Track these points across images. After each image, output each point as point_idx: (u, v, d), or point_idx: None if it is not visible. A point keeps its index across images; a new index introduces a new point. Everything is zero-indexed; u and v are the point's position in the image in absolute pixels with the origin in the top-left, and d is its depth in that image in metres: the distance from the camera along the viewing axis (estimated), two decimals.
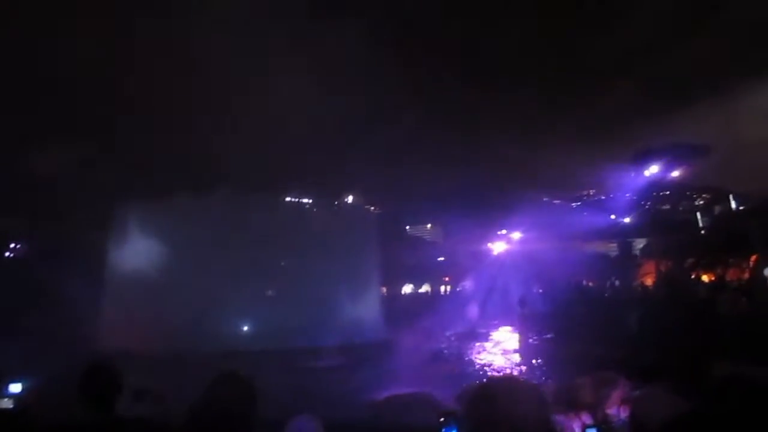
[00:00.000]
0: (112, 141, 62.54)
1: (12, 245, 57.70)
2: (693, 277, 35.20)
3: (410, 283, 74.65)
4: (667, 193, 46.56)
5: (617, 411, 8.29)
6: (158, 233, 34.56)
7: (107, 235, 38.06)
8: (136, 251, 34.58)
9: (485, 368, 23.71)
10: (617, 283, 37.29)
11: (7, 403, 4.52)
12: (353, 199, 71.37)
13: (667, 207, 46.72)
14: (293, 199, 60.81)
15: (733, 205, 47.43)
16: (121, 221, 36.60)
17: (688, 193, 50.68)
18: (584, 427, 5.08)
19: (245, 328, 34.43)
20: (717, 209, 50.57)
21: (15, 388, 4.80)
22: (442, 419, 3.10)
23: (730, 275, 32.54)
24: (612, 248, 54.98)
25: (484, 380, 2.22)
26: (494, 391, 2.07)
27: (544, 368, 19.81)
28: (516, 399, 2.02)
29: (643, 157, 41.76)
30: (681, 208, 47.84)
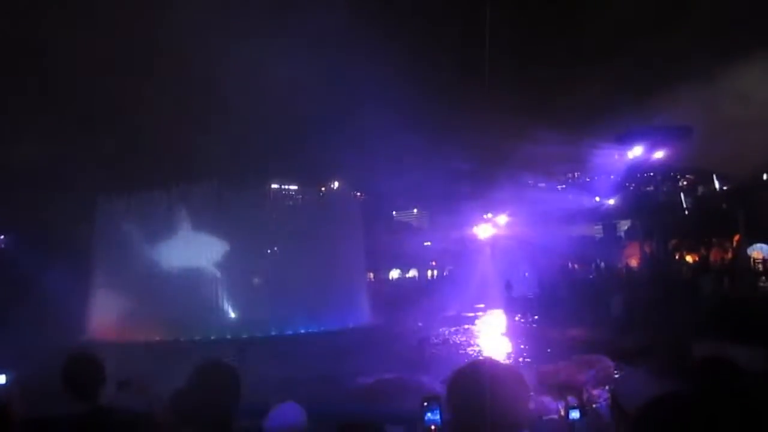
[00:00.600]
0: (96, 132, 61.72)
1: None
2: (677, 258, 35.58)
3: (397, 268, 74.79)
4: (651, 174, 46.81)
5: (601, 392, 8.41)
6: (142, 224, 34.34)
7: (91, 227, 37.78)
8: (121, 242, 34.35)
9: (471, 352, 23.87)
10: (602, 265, 37.59)
11: None
12: (339, 185, 71.22)
13: (650, 188, 46.97)
14: (278, 187, 60.68)
15: (717, 185, 47.82)
16: (105, 212, 36.31)
17: (671, 174, 50.98)
18: (567, 408, 5.14)
19: (231, 316, 34.41)
20: (700, 190, 50.98)
21: (0, 379, 4.81)
22: (425, 403, 3.11)
23: (714, 256, 32.90)
24: (597, 230, 55.36)
25: (466, 365, 2.23)
26: (475, 376, 2.08)
27: (530, 351, 19.99)
28: (497, 383, 2.04)
29: (627, 139, 41.95)
30: (665, 190, 48.12)
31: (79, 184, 47.09)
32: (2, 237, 57.11)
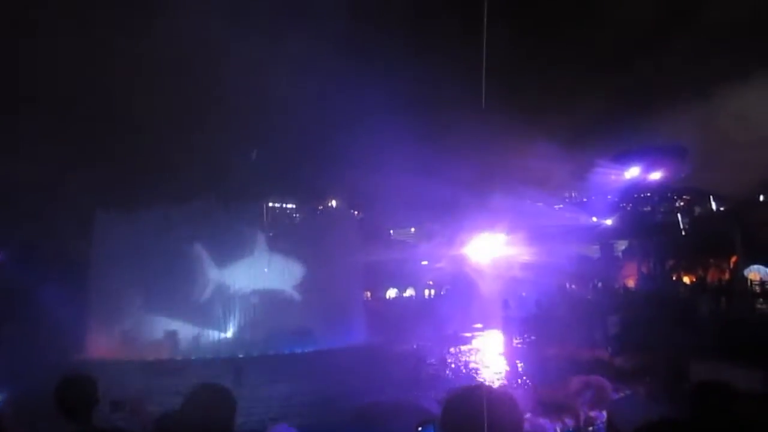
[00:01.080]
0: (93, 148, 61.77)
1: None
2: (674, 278, 35.57)
3: (394, 287, 74.54)
4: (648, 194, 46.99)
5: (598, 413, 8.34)
6: (138, 241, 34.26)
7: (86, 244, 37.72)
8: (116, 259, 34.25)
9: (469, 372, 23.75)
10: (600, 285, 37.54)
11: None
12: (336, 204, 71.25)
13: (647, 209, 47.12)
14: (276, 205, 60.71)
15: (714, 206, 47.93)
16: (101, 229, 36.26)
17: (668, 194, 51.10)
18: (564, 431, 5.11)
19: (228, 335, 34.25)
20: (697, 210, 51.06)
21: None
22: (419, 428, 3.09)
23: (711, 276, 32.91)
24: (594, 250, 55.31)
25: (460, 390, 2.23)
26: (469, 401, 2.09)
27: (527, 371, 19.90)
28: (491, 408, 2.04)
29: (623, 159, 42.19)
30: (662, 210, 48.23)
31: (74, 200, 47.02)
32: None
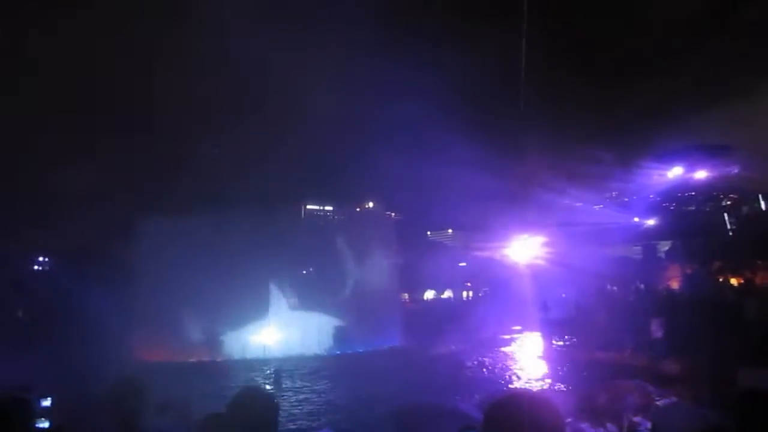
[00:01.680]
0: (135, 155, 63.21)
1: (39, 258, 58.73)
2: (720, 280, 34.64)
3: (432, 288, 74.46)
4: (692, 193, 45.92)
5: (641, 419, 8.20)
6: (180, 245, 34.88)
7: (132, 248, 38.53)
8: (161, 264, 34.94)
9: (508, 376, 23.56)
10: (642, 287, 36.79)
11: (44, 422, 4.69)
12: (374, 206, 71.51)
13: (692, 208, 46.04)
14: (314, 207, 61.22)
15: (763, 206, 46.54)
16: (145, 234, 37.00)
17: (713, 193, 49.79)
18: None
19: (268, 337, 34.62)
20: (745, 210, 49.64)
21: (45, 402, 5.02)
22: None
23: (759, 279, 31.95)
24: (636, 251, 54.26)
25: (502, 394, 2.23)
26: (511, 408, 2.08)
27: (568, 375, 19.63)
28: (533, 415, 2.04)
29: (666, 158, 41.30)
30: (707, 210, 47.03)
31: (119, 206, 48.20)
32: (46, 259, 58.60)
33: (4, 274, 48.06)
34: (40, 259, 58.84)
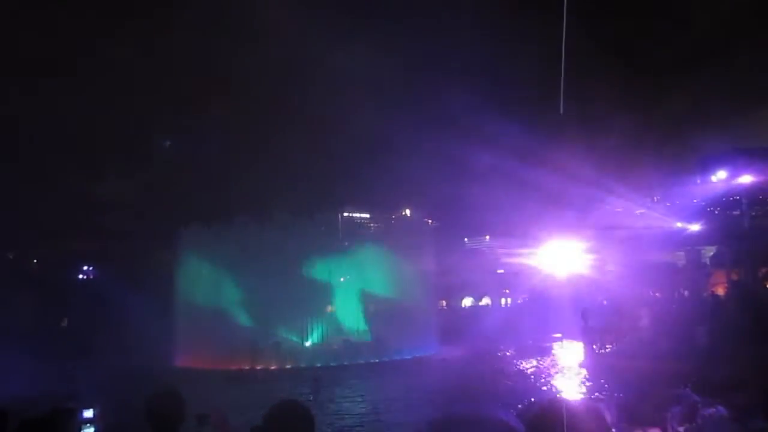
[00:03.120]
0: (174, 166, 64.45)
1: (84, 267, 60.23)
2: (767, 286, 33.67)
3: (470, 296, 73.89)
4: (737, 198, 44.68)
5: (688, 429, 7.97)
6: (220, 254, 35.34)
7: (173, 257, 39.19)
8: (200, 272, 35.44)
9: (548, 385, 23.22)
10: (686, 293, 35.96)
11: (89, 428, 4.83)
12: (411, 213, 71.39)
13: (737, 213, 44.79)
14: (351, 215, 61.45)
15: None
16: (185, 243, 37.58)
17: (759, 197, 48.37)
18: None
19: (307, 344, 34.76)
20: None
21: (88, 413, 5.15)
22: None
23: None
24: (679, 257, 53.05)
25: (543, 403, 2.20)
26: (553, 417, 2.05)
27: (609, 383, 19.24)
28: (575, 423, 2.00)
29: (710, 162, 40.38)
30: (753, 214, 45.73)
31: (160, 216, 49.16)
32: (90, 268, 60.03)
33: (49, 283, 49.48)
34: (84, 267, 60.30)
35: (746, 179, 38.30)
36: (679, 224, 47.38)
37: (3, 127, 51.35)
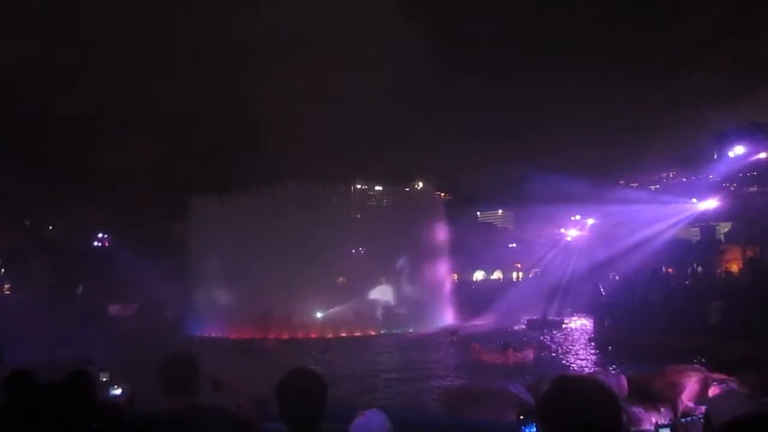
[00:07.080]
0: (188, 136, 64.69)
1: (99, 235, 60.89)
2: None
3: (481, 269, 74.10)
4: (755, 173, 44.12)
5: (697, 405, 8.00)
6: (233, 224, 35.48)
7: (188, 226, 39.45)
8: (213, 241, 35.63)
9: (560, 358, 23.32)
10: (699, 270, 35.74)
11: (116, 389, 4.95)
12: (423, 186, 71.14)
13: (754, 189, 44.29)
14: (364, 187, 61.26)
15: None
16: (198, 213, 37.78)
17: None
18: (657, 427, 4.92)
19: (318, 315, 35.01)
20: None
21: (104, 376, 5.25)
22: (521, 416, 3.08)
23: None
24: (693, 233, 52.72)
25: (553, 377, 2.19)
26: (564, 389, 2.04)
27: (621, 358, 19.27)
28: (587, 396, 2.00)
29: (727, 138, 39.73)
30: None
31: (173, 185, 49.46)
32: (107, 236, 60.63)
33: (66, 251, 50.14)
34: (100, 235, 60.89)
35: (764, 155, 37.73)
36: (694, 200, 47.02)
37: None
